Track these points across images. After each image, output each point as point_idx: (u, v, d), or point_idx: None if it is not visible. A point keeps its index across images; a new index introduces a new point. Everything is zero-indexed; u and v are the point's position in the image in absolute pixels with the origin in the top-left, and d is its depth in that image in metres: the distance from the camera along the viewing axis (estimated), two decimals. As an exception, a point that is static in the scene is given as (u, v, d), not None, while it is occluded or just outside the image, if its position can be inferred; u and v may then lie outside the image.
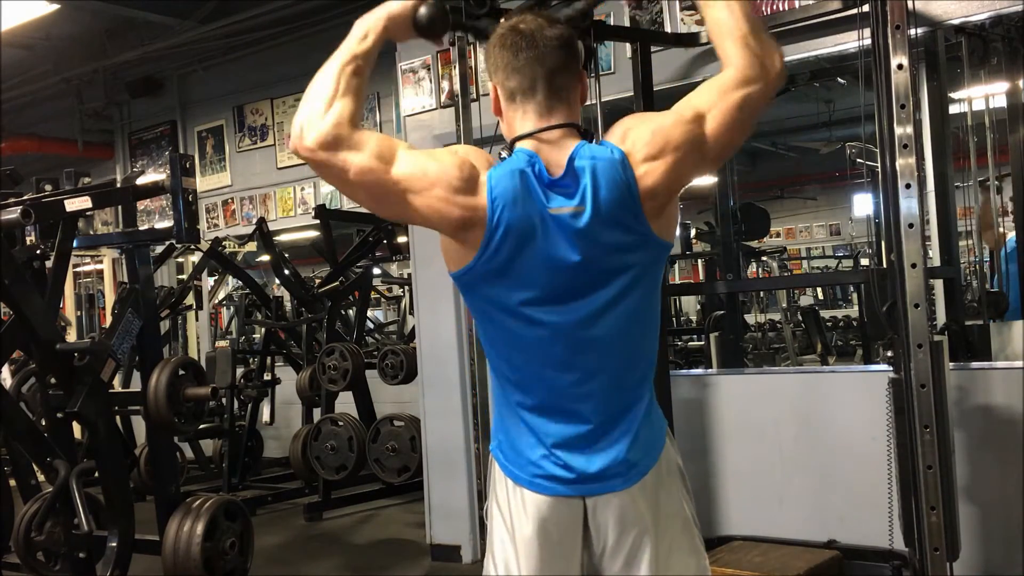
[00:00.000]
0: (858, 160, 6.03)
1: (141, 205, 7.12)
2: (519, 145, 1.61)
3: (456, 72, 3.23)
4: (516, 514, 1.65)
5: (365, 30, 1.63)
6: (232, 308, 8.88)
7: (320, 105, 1.56)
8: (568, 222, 1.54)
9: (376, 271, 8.18)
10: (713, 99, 1.56)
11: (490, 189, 1.53)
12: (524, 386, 1.64)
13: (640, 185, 1.54)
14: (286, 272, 6.45)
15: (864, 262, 9.17)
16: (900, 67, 2.55)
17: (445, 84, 4.40)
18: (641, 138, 1.56)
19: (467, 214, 1.53)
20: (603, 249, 1.56)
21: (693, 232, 8.83)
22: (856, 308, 8.32)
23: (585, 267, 1.56)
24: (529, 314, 1.59)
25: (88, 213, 3.81)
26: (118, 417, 4.61)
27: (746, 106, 1.55)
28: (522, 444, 1.65)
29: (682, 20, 3.76)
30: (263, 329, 6.90)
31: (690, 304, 9.48)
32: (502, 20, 1.68)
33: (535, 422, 1.64)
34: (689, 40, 3.65)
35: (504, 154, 1.63)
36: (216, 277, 7.63)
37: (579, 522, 1.63)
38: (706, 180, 5.52)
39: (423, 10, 1.65)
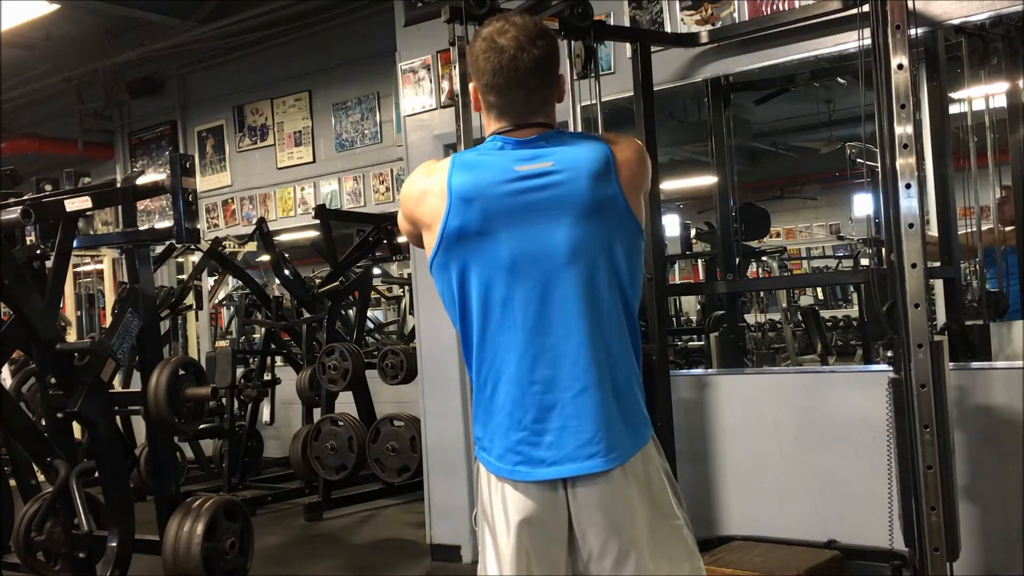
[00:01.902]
0: (858, 160, 6.02)
1: (141, 205, 7.12)
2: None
3: (456, 72, 3.22)
4: (498, 516, 1.65)
5: None
6: (232, 308, 8.88)
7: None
8: (537, 175, 1.64)
9: (376, 271, 8.18)
10: None
11: (452, 164, 1.68)
12: (499, 359, 1.66)
13: (616, 155, 1.67)
14: (286, 272, 6.45)
15: (864, 262, 9.16)
16: (900, 67, 2.55)
17: (445, 84, 4.40)
18: (608, 135, 1.79)
19: (431, 186, 1.68)
20: (574, 200, 1.63)
21: (693, 232, 8.83)
22: (856, 308, 8.31)
23: (555, 221, 1.62)
24: (500, 274, 1.64)
25: (88, 213, 3.82)
26: (118, 417, 4.61)
27: None
28: (499, 432, 1.66)
29: (682, 20, 3.76)
30: (263, 329, 6.89)
31: (690, 304, 9.47)
32: (483, 25, 1.76)
33: (512, 399, 1.64)
34: (689, 40, 3.65)
35: None
36: (216, 277, 7.63)
37: (564, 520, 1.62)
38: (706, 180, 5.52)
39: None
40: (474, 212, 1.62)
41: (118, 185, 4.28)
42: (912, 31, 2.59)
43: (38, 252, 3.89)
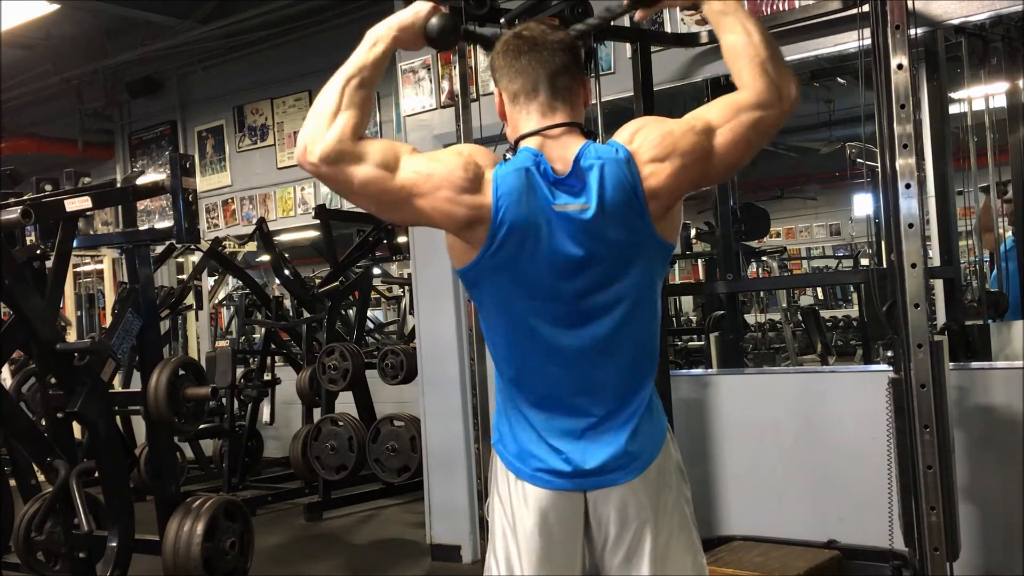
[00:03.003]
0: (858, 160, 6.03)
1: (141, 205, 7.12)
2: (523, 144, 1.63)
3: (456, 72, 3.23)
4: (517, 508, 1.66)
5: (375, 39, 1.65)
6: (232, 308, 8.88)
7: (323, 120, 1.57)
8: (574, 219, 1.57)
9: (376, 271, 8.18)
10: (726, 115, 1.58)
11: (495, 187, 1.56)
12: (526, 381, 1.67)
13: (645, 185, 1.57)
14: (286, 272, 6.45)
15: (864, 262, 9.17)
16: (900, 67, 2.55)
17: (445, 84, 4.40)
18: (649, 139, 1.59)
19: (473, 213, 1.56)
20: (607, 246, 1.58)
21: (693, 232, 8.83)
22: (856, 308, 8.32)
23: (589, 263, 1.59)
24: (533, 308, 1.62)
25: (88, 213, 3.81)
26: (118, 417, 4.61)
27: (759, 127, 1.58)
28: (524, 438, 1.67)
29: (682, 20, 3.76)
30: (263, 329, 6.90)
31: (690, 304, 9.48)
32: (505, 31, 1.70)
33: (537, 417, 1.66)
34: (689, 40, 3.65)
35: (509, 155, 1.64)
36: (216, 277, 7.64)
37: (580, 516, 1.65)
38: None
39: (434, 21, 1.67)
40: (515, 245, 1.57)
41: (118, 185, 4.28)
42: (912, 31, 2.59)
43: (38, 252, 3.89)
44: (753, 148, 1.61)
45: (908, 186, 2.54)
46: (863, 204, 9.03)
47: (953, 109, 4.26)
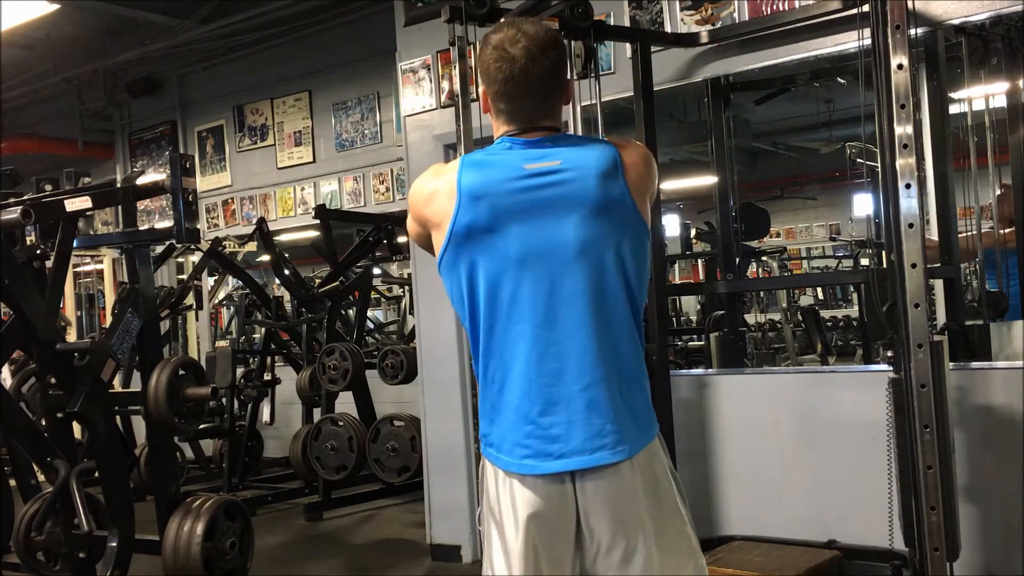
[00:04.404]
0: (858, 160, 6.02)
1: (141, 205, 7.11)
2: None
3: (456, 72, 3.22)
4: (505, 512, 1.65)
5: None
6: (232, 308, 8.88)
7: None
8: (545, 175, 1.66)
9: (376, 271, 8.18)
10: None
11: (461, 164, 1.70)
12: (507, 353, 1.66)
13: (624, 157, 1.70)
14: (286, 272, 6.46)
15: (864, 262, 9.16)
16: (900, 67, 2.55)
17: (445, 84, 4.40)
18: (615, 138, 1.81)
19: (441, 186, 1.70)
20: (582, 200, 1.65)
21: (693, 232, 8.83)
22: (856, 308, 8.32)
23: (561, 218, 1.64)
24: (509, 270, 1.65)
25: (88, 213, 3.81)
26: (118, 417, 4.61)
27: None
28: (507, 427, 1.66)
29: (682, 20, 3.76)
30: (263, 329, 6.90)
31: (690, 304, 9.47)
32: (492, 33, 1.75)
33: (520, 394, 1.65)
34: (689, 40, 3.66)
35: None
36: (216, 277, 7.64)
37: (571, 514, 1.62)
38: (706, 180, 5.52)
39: None
40: (483, 209, 1.64)
41: (118, 185, 4.27)
42: (912, 31, 2.59)
43: (38, 252, 3.89)
44: None
45: (908, 186, 2.55)
46: (863, 204, 9.03)
47: (953, 109, 4.25)
